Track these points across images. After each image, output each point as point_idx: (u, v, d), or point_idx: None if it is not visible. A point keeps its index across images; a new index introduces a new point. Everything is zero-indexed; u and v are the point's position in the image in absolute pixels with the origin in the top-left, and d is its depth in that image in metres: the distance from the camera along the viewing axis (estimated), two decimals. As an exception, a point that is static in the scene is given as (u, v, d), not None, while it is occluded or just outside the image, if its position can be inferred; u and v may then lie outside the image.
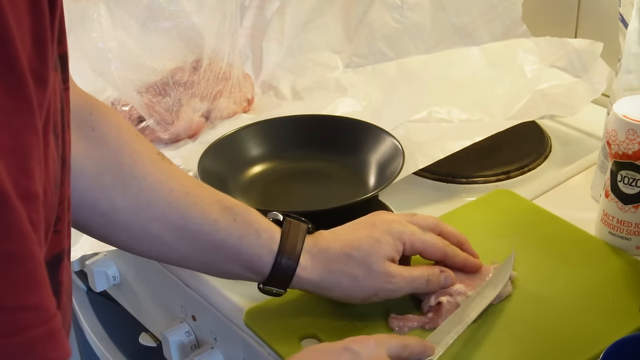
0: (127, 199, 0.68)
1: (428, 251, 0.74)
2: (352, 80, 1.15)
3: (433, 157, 0.93)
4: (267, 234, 0.70)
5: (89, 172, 0.66)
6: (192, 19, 1.05)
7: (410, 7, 1.16)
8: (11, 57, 0.35)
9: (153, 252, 0.71)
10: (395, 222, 0.74)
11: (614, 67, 0.91)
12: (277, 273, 0.70)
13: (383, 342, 0.62)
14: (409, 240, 0.73)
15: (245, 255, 0.70)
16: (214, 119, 1.08)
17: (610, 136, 0.79)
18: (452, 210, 0.90)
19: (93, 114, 0.68)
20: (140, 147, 0.70)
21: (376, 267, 0.70)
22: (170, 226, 0.69)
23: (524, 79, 1.09)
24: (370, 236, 0.72)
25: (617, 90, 0.87)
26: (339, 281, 0.71)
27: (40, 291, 0.37)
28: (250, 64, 1.19)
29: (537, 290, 0.77)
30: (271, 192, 0.95)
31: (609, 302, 0.75)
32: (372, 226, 0.73)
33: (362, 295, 0.72)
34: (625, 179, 0.79)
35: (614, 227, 0.81)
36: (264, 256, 0.70)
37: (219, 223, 0.69)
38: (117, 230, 0.68)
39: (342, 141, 1.00)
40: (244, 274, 0.71)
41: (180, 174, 0.72)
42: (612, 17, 1.00)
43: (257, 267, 0.70)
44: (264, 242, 0.70)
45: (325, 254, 0.71)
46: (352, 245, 0.71)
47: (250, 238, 0.70)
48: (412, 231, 0.73)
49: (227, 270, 0.72)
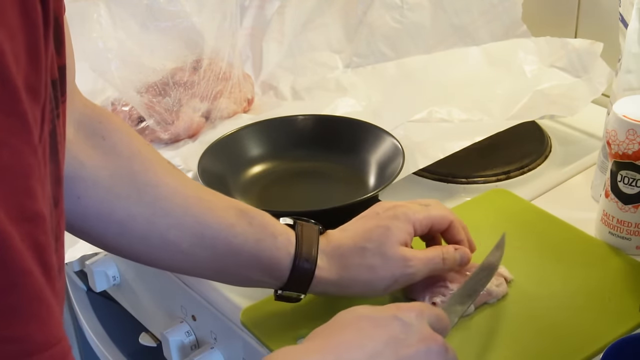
0: (143, 207, 0.67)
1: (436, 223, 0.74)
2: (352, 80, 1.15)
3: (433, 157, 0.93)
4: (283, 236, 0.70)
5: (102, 181, 0.65)
6: (192, 19, 1.05)
7: (410, 7, 1.16)
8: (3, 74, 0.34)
9: (170, 261, 0.70)
10: (398, 206, 0.73)
11: (614, 67, 0.91)
12: (297, 275, 0.70)
13: (425, 313, 0.62)
14: (417, 220, 0.72)
15: (264, 259, 0.69)
16: (214, 119, 1.08)
17: (610, 136, 0.79)
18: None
19: (102, 123, 0.67)
20: (151, 155, 0.69)
21: (391, 254, 0.70)
22: (187, 233, 0.68)
23: (524, 79, 1.09)
24: (379, 225, 0.71)
25: (617, 90, 0.87)
26: (358, 275, 0.70)
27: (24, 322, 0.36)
28: (250, 64, 1.18)
29: (533, 289, 0.77)
30: (271, 192, 0.95)
31: (606, 301, 0.75)
32: (377, 215, 0.72)
33: (382, 286, 0.71)
34: (625, 179, 0.79)
35: (614, 227, 0.81)
36: (283, 259, 0.69)
37: (235, 228, 0.69)
38: (133, 240, 0.67)
39: (342, 141, 1.00)
40: (262, 279, 0.71)
41: (191, 181, 0.72)
42: (612, 17, 1.00)
43: (276, 271, 0.70)
44: (281, 245, 0.69)
45: (339, 250, 0.71)
46: (363, 237, 0.71)
47: (267, 242, 0.69)
48: (415, 210, 0.73)
49: (244, 276, 0.71)
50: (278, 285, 0.71)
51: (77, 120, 0.65)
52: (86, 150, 0.65)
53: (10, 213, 0.35)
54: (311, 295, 0.74)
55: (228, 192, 0.92)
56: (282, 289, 0.71)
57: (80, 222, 0.65)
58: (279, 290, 0.71)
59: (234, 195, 0.93)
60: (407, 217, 0.72)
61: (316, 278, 0.70)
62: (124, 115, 1.04)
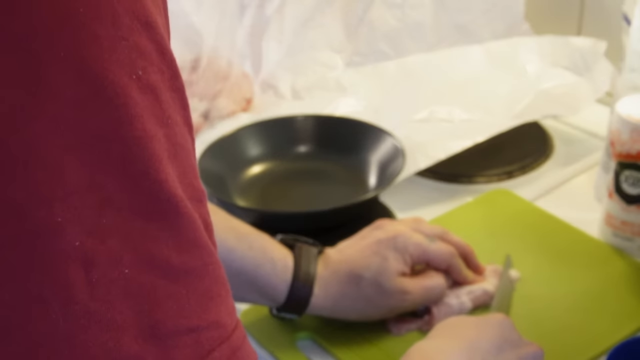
0: None
1: (434, 262, 0.73)
2: (353, 80, 1.15)
3: (434, 158, 0.93)
4: (282, 262, 0.70)
5: None
6: (191, 18, 1.05)
7: (411, 6, 1.15)
8: (161, 45, 0.34)
9: None
10: (399, 235, 0.72)
11: (618, 66, 0.90)
12: (292, 301, 0.70)
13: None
14: (415, 253, 0.72)
15: (261, 283, 0.69)
16: (213, 118, 1.07)
17: (613, 136, 0.78)
18: (449, 210, 0.90)
19: None
20: None
21: (388, 286, 0.70)
22: None
23: (526, 78, 1.08)
24: (377, 253, 0.71)
25: (620, 89, 0.86)
26: (354, 304, 0.70)
27: (217, 305, 0.35)
28: (250, 63, 1.18)
29: (535, 291, 0.77)
30: (271, 192, 0.95)
31: (607, 303, 0.75)
32: (377, 243, 0.72)
33: (377, 314, 0.72)
34: (629, 179, 0.78)
35: (617, 227, 0.81)
36: (280, 285, 0.69)
37: (235, 252, 0.68)
38: None
39: (342, 141, 0.99)
40: (259, 300, 0.71)
41: None
42: (615, 15, 0.99)
43: (272, 295, 0.70)
44: (279, 271, 0.69)
45: (336, 276, 0.71)
46: (361, 265, 0.70)
47: (266, 267, 0.69)
48: (417, 242, 0.72)
49: (241, 296, 0.71)
50: (274, 305, 0.71)
51: None
52: None
53: (187, 193, 0.34)
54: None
55: (227, 192, 0.92)
56: (277, 309, 0.71)
57: None
58: (275, 310, 0.72)
59: (234, 196, 0.92)
60: (405, 248, 0.72)
61: (312, 304, 0.70)
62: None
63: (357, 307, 0.71)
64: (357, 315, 0.71)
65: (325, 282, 0.70)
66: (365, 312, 0.71)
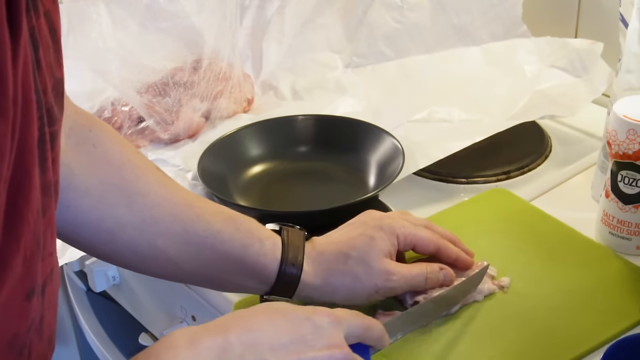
0: (132, 216, 0.67)
1: (421, 244, 0.74)
2: (352, 80, 1.15)
3: (433, 157, 0.93)
4: (270, 241, 0.70)
5: (93, 189, 0.65)
6: (192, 19, 1.05)
7: (411, 7, 1.16)
8: None
9: (157, 269, 0.70)
10: (386, 217, 0.74)
11: (615, 67, 0.91)
12: (283, 280, 0.70)
13: (344, 321, 0.60)
14: (402, 234, 0.73)
15: (250, 264, 0.69)
16: (213, 119, 1.08)
17: (610, 136, 0.79)
18: (446, 208, 0.90)
19: (93, 131, 0.67)
20: (141, 162, 0.69)
21: (375, 265, 0.70)
22: (174, 241, 0.68)
23: (524, 78, 1.09)
24: (364, 234, 0.72)
25: (617, 90, 0.87)
26: (342, 282, 0.71)
27: None
28: (250, 64, 1.18)
29: (529, 289, 0.77)
30: (271, 192, 0.95)
31: (599, 302, 0.75)
32: (363, 225, 0.73)
33: (364, 294, 0.71)
34: (626, 179, 0.79)
35: (614, 227, 0.81)
36: (269, 264, 0.70)
37: (222, 234, 0.69)
38: (121, 248, 0.67)
39: (342, 141, 0.99)
40: (249, 284, 0.71)
41: (181, 188, 0.72)
42: (612, 17, 1.00)
43: (263, 276, 0.70)
44: (267, 250, 0.70)
45: (324, 256, 0.71)
46: (347, 244, 0.71)
47: (255, 247, 0.69)
48: (403, 224, 0.73)
49: (232, 282, 0.71)
50: (265, 289, 0.71)
51: (68, 127, 0.65)
52: (76, 157, 0.65)
53: None
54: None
55: (228, 192, 0.92)
56: (268, 293, 0.71)
57: (70, 230, 0.65)
58: (265, 296, 0.72)
59: (234, 195, 0.93)
60: (392, 229, 0.72)
61: (302, 283, 0.70)
62: (123, 115, 1.04)
63: (345, 285, 0.70)
64: (345, 296, 0.71)
65: (314, 260, 0.71)
66: (353, 291, 0.71)
